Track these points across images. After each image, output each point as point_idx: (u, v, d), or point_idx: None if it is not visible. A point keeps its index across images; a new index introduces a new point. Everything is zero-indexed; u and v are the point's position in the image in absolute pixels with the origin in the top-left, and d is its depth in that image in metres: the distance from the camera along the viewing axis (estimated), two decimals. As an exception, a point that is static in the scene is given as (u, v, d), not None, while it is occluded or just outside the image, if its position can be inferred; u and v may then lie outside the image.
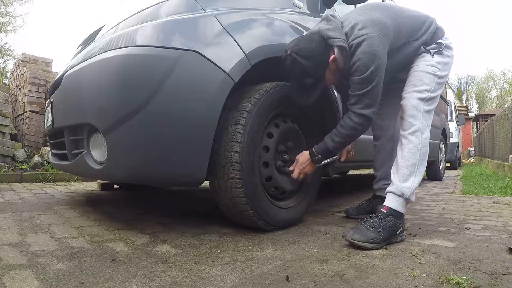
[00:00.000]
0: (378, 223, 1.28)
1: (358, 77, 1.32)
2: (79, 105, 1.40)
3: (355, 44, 1.32)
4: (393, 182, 1.38)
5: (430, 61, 1.43)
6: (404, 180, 1.35)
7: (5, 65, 14.58)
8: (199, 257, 1.12)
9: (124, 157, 1.26)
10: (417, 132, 1.36)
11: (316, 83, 1.41)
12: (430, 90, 1.41)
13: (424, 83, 1.40)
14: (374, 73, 1.31)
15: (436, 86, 1.43)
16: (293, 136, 1.61)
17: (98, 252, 1.14)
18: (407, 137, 1.37)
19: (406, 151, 1.37)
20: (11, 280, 0.88)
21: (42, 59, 5.33)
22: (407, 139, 1.37)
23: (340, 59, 1.37)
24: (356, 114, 1.36)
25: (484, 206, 2.28)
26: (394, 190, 1.35)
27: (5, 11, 14.94)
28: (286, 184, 1.55)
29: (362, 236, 1.23)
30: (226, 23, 1.39)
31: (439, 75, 1.43)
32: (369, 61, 1.29)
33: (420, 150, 1.36)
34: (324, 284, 0.91)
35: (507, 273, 0.98)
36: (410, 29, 1.43)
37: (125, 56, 1.24)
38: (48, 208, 1.95)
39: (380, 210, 1.34)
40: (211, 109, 1.28)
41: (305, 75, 1.37)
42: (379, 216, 1.31)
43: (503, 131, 7.08)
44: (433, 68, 1.42)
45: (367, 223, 1.28)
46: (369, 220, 1.30)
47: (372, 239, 1.23)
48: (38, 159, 4.13)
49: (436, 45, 1.45)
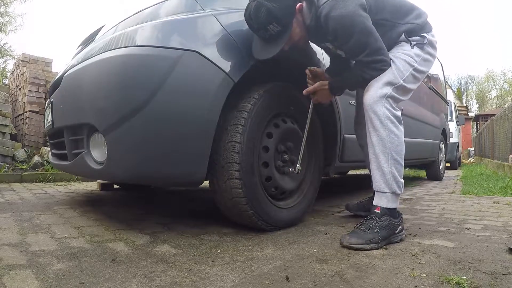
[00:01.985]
0: (373, 224, 1.27)
1: (347, 44, 1.27)
2: (79, 105, 1.40)
3: (323, 15, 1.25)
4: (373, 177, 1.34)
5: (408, 51, 1.37)
6: (381, 173, 1.31)
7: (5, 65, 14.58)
8: (199, 257, 1.12)
9: (124, 157, 1.26)
10: (381, 118, 1.29)
11: (280, 32, 1.28)
12: (402, 78, 1.33)
13: (397, 68, 1.32)
14: (361, 32, 1.23)
15: (410, 77, 1.36)
16: (293, 136, 1.61)
17: (98, 252, 1.14)
18: (372, 124, 1.31)
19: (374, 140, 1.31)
20: (11, 280, 0.88)
21: (42, 59, 5.33)
22: (372, 126, 1.31)
23: (307, 13, 1.32)
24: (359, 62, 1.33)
25: (484, 206, 2.28)
26: (377, 187, 1.33)
27: (4, 11, 14.94)
28: (286, 184, 1.55)
29: (359, 239, 1.22)
30: (226, 23, 1.39)
31: (415, 67, 1.36)
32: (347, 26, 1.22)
33: (388, 137, 1.29)
34: (324, 284, 0.91)
35: (507, 273, 0.98)
36: (395, 10, 1.38)
37: (125, 56, 1.25)
38: (48, 208, 1.95)
39: (374, 211, 1.32)
40: (210, 109, 1.28)
41: (269, 19, 1.25)
42: (373, 218, 1.29)
43: (503, 131, 7.08)
44: (410, 58, 1.36)
45: (363, 226, 1.27)
46: (365, 223, 1.29)
47: (370, 240, 1.22)
48: (38, 159, 4.13)
49: (419, 38, 1.40)
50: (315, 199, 1.76)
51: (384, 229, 1.26)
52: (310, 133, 1.72)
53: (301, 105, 1.64)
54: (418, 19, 1.41)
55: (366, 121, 1.34)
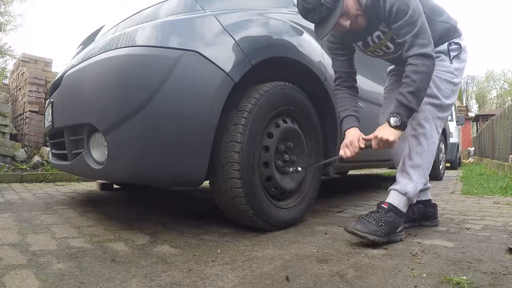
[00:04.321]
0: (379, 217, 1.29)
1: (402, 20, 1.25)
2: (79, 105, 1.40)
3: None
4: (398, 180, 1.39)
5: (448, 67, 1.41)
6: (409, 180, 1.36)
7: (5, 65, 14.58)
8: (199, 257, 1.12)
9: (124, 157, 1.26)
10: (427, 135, 1.36)
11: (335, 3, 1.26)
12: (445, 97, 1.39)
13: (439, 89, 1.38)
14: (416, 10, 1.25)
15: (451, 93, 1.41)
16: (293, 136, 1.60)
17: (98, 252, 1.14)
18: (416, 138, 1.37)
19: (413, 152, 1.37)
20: (11, 280, 0.88)
21: (42, 59, 5.33)
22: (417, 141, 1.37)
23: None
24: (415, 57, 1.26)
25: (484, 206, 2.28)
26: (399, 188, 1.37)
27: (4, 11, 14.94)
28: (286, 184, 1.55)
29: (365, 228, 1.24)
30: (226, 23, 1.39)
31: (455, 82, 1.42)
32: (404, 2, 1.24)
33: (427, 153, 1.36)
34: (324, 284, 0.91)
35: (507, 273, 0.98)
36: (432, 7, 1.40)
37: (125, 56, 1.25)
38: (48, 208, 1.95)
39: (381, 205, 1.35)
40: (211, 109, 1.28)
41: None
42: (380, 211, 1.32)
43: (503, 131, 7.08)
44: (451, 75, 1.41)
45: (368, 217, 1.30)
46: (370, 215, 1.31)
47: (375, 231, 1.24)
48: (38, 159, 4.13)
49: (457, 47, 1.43)
50: (315, 199, 1.76)
51: (388, 224, 1.29)
52: (310, 132, 1.73)
53: (301, 105, 1.64)
54: (451, 20, 1.45)
55: (410, 130, 1.37)
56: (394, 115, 1.27)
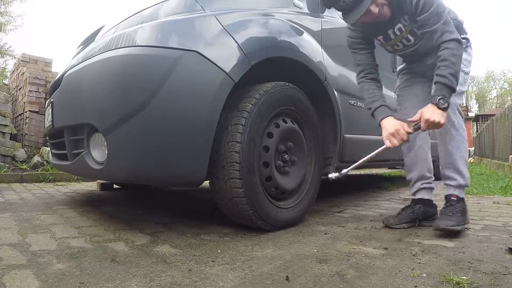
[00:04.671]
0: (455, 210, 1.44)
1: (428, 11, 1.33)
2: (79, 105, 1.40)
3: None
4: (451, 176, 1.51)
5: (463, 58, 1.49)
6: (465, 171, 1.51)
7: (5, 65, 14.59)
8: (199, 257, 1.12)
9: (124, 157, 1.26)
10: (460, 127, 1.49)
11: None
12: (461, 85, 1.48)
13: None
14: (440, 4, 1.35)
15: (463, 81, 1.50)
16: (293, 136, 1.60)
17: (98, 252, 1.14)
18: (457, 130, 1.48)
19: (456, 144, 1.49)
20: (11, 280, 0.88)
21: (42, 59, 5.33)
22: (457, 132, 1.48)
23: None
24: (450, 41, 1.34)
25: (484, 206, 2.28)
26: (462, 182, 1.51)
27: (4, 11, 14.96)
28: (286, 184, 1.55)
29: (451, 221, 1.37)
30: (226, 23, 1.39)
31: (465, 71, 1.53)
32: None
33: (463, 143, 1.51)
34: (324, 284, 0.91)
35: (507, 273, 0.98)
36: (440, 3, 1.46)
37: (125, 56, 1.25)
38: (48, 208, 1.95)
39: (450, 198, 1.50)
40: (211, 109, 1.28)
41: None
42: (453, 204, 1.47)
43: (503, 131, 7.08)
44: (462, 65, 1.46)
45: (447, 212, 1.44)
46: (446, 209, 1.45)
47: (458, 223, 1.38)
48: (38, 159, 4.13)
49: (465, 41, 1.52)
50: (315, 199, 1.76)
51: (461, 213, 1.45)
52: (310, 132, 1.73)
53: (301, 105, 1.64)
54: (458, 18, 1.54)
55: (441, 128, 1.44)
56: (441, 97, 1.31)
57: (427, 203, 1.62)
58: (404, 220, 1.58)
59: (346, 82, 2.02)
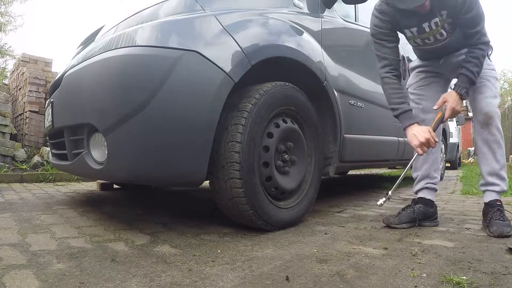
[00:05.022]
0: (503, 214, 1.48)
1: (473, 12, 1.38)
2: (79, 105, 1.40)
3: None
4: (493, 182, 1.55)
5: (491, 65, 1.57)
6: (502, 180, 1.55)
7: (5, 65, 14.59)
8: (199, 257, 1.12)
9: (124, 157, 1.26)
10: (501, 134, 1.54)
11: None
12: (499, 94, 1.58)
13: (496, 88, 1.56)
14: (481, 9, 1.41)
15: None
16: (293, 136, 1.60)
17: (98, 252, 1.14)
18: (498, 142, 1.52)
19: (499, 155, 1.53)
20: (11, 280, 0.88)
21: (42, 59, 5.33)
22: (499, 144, 1.53)
23: None
24: (483, 44, 1.45)
25: (484, 206, 2.28)
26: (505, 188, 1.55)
27: (5, 11, 14.96)
28: (286, 184, 1.55)
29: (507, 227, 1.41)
30: (226, 23, 1.39)
31: (496, 77, 1.60)
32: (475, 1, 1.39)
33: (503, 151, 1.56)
34: (324, 284, 0.91)
35: (507, 273, 0.98)
36: None
37: (125, 56, 1.25)
38: (48, 208, 1.95)
39: (496, 204, 1.52)
40: (211, 109, 1.28)
41: None
42: (500, 209, 1.49)
43: (503, 131, 7.06)
44: (494, 71, 1.58)
45: (497, 216, 1.47)
46: (496, 214, 1.48)
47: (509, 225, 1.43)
48: (38, 159, 4.13)
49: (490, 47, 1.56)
50: (315, 199, 1.76)
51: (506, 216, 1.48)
52: (310, 132, 1.73)
53: (302, 105, 1.64)
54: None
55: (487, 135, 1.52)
56: (466, 90, 1.46)
57: (428, 203, 1.63)
58: (405, 220, 1.58)
59: (346, 82, 2.02)
